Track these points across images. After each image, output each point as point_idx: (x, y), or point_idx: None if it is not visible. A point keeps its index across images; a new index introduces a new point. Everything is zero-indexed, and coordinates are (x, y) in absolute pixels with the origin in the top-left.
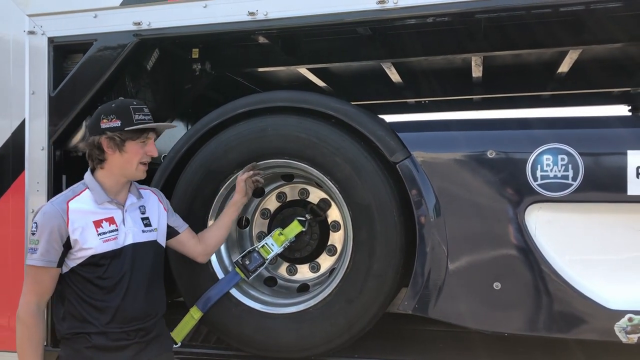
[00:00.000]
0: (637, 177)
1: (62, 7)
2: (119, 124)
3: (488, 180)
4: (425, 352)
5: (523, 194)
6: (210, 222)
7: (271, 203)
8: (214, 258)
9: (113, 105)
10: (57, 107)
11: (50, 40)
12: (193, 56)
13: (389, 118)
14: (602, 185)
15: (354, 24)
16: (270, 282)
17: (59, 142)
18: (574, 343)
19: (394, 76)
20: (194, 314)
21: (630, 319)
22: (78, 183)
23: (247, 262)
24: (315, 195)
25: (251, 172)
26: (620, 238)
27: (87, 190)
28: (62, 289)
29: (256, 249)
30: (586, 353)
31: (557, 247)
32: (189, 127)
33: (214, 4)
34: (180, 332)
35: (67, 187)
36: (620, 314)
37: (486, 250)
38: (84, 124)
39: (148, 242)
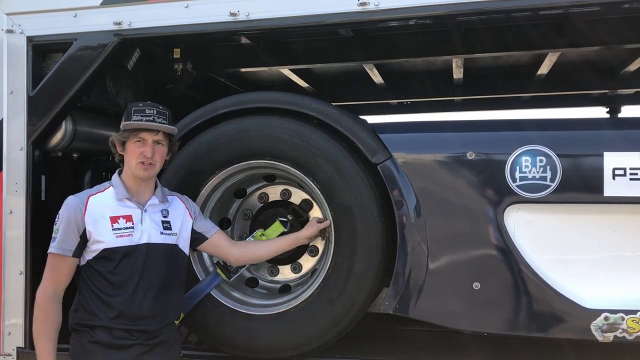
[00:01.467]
0: (614, 178)
1: (41, 6)
2: (123, 124)
3: (468, 182)
4: (406, 352)
5: (502, 195)
6: None
7: (253, 204)
8: (195, 258)
9: (127, 105)
10: (36, 107)
11: (29, 39)
12: (174, 56)
13: (371, 119)
14: (579, 187)
15: (336, 25)
16: (252, 283)
17: (38, 142)
18: (554, 343)
19: (376, 77)
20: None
21: (606, 318)
22: (105, 182)
23: (229, 263)
24: (297, 196)
25: (328, 224)
26: (597, 238)
27: (111, 188)
28: (78, 282)
29: None
30: (564, 352)
31: (535, 248)
32: None
33: (195, 4)
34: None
35: (46, 188)
36: (596, 313)
37: (466, 251)
38: (63, 124)
39: (165, 245)
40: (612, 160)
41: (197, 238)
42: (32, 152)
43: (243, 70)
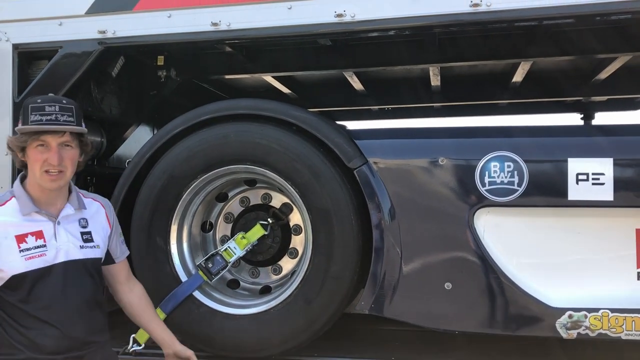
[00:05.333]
0: (577, 183)
1: (27, 14)
2: (19, 125)
3: (439, 186)
4: (380, 350)
5: (472, 199)
6: (173, 227)
7: (234, 207)
8: (177, 261)
9: (24, 102)
10: None
11: (15, 46)
12: (158, 63)
13: (351, 124)
14: (545, 191)
15: (315, 35)
16: (233, 285)
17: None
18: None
19: (356, 84)
20: (159, 314)
21: (570, 316)
22: (5, 191)
23: (210, 265)
24: (278, 200)
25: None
26: (562, 240)
27: (14, 199)
28: None
29: (219, 252)
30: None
31: (504, 249)
32: (154, 132)
33: (177, 14)
34: (143, 334)
35: None
36: (561, 311)
37: (438, 252)
38: None
39: (87, 260)
40: (575, 165)
41: (105, 257)
42: None
43: (226, 77)
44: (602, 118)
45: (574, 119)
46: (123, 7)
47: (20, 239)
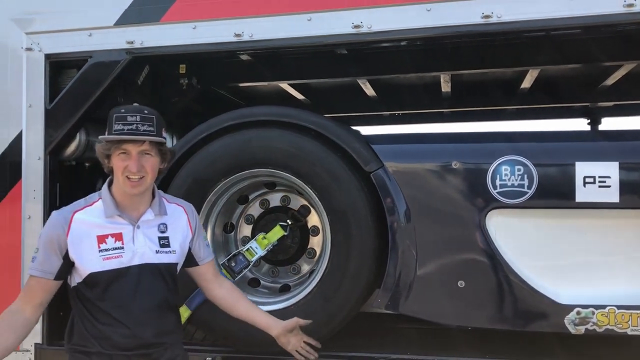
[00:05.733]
0: (584, 185)
1: (58, 26)
2: (106, 133)
3: (453, 189)
4: (396, 346)
5: (484, 201)
6: None
7: (255, 209)
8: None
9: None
10: (53, 119)
11: (47, 56)
12: (180, 72)
13: (363, 129)
14: (553, 193)
15: (332, 45)
16: (254, 283)
17: (54, 152)
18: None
19: (369, 90)
20: (183, 313)
21: (578, 313)
22: (94, 193)
23: (233, 264)
24: (296, 202)
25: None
26: (570, 240)
27: (100, 201)
28: (71, 303)
29: (241, 252)
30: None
31: (514, 249)
32: (174, 137)
33: (202, 25)
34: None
35: (60, 195)
36: (570, 308)
37: (451, 252)
38: (77, 135)
39: (161, 265)
40: (583, 169)
41: (188, 260)
42: (49, 162)
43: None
44: (609, 123)
45: (581, 124)
46: (150, 19)
47: (101, 239)
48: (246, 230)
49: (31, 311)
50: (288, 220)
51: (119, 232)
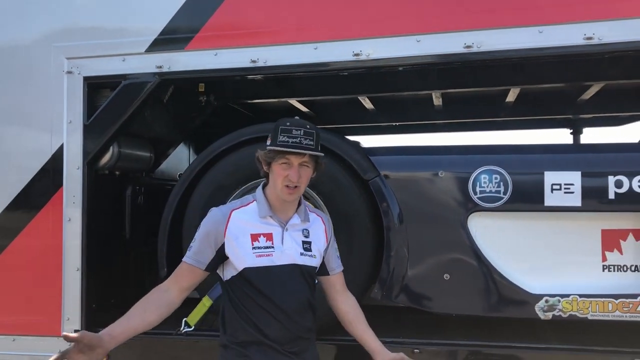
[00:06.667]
0: (552, 192)
1: (95, 52)
2: (269, 143)
3: (439, 194)
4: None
5: (466, 205)
6: None
7: None
8: None
9: (275, 123)
10: (91, 134)
11: (85, 78)
12: (200, 90)
13: (362, 139)
14: (525, 198)
15: (336, 70)
16: None
17: (91, 163)
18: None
19: (368, 104)
20: (206, 303)
21: (546, 301)
22: (248, 195)
23: None
24: None
25: None
26: (539, 239)
27: (254, 202)
28: (225, 296)
29: None
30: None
31: (492, 247)
32: (190, 147)
33: (222, 53)
34: (193, 318)
35: (96, 200)
36: (539, 297)
37: (438, 249)
38: (111, 148)
39: (304, 266)
40: (550, 177)
41: (321, 268)
42: (87, 171)
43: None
44: (590, 133)
45: (564, 134)
46: (177, 47)
47: (254, 237)
48: None
49: (176, 293)
50: None
51: (270, 232)
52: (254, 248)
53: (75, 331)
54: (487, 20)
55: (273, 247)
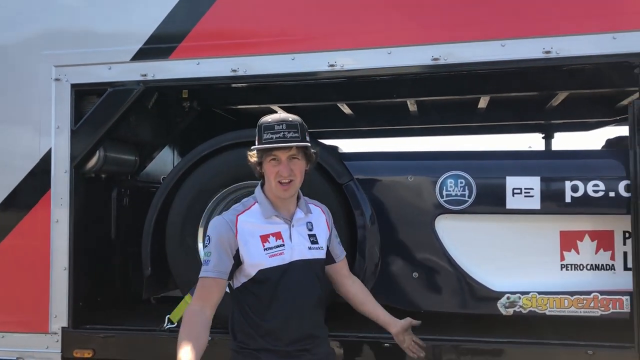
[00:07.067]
0: (513, 195)
1: (83, 60)
2: (256, 144)
3: (409, 198)
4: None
5: (434, 208)
6: (200, 230)
7: None
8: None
9: (258, 122)
10: (78, 138)
11: (73, 85)
12: (183, 96)
13: (341, 143)
14: (488, 202)
15: (312, 79)
16: None
17: (78, 166)
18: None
19: (346, 110)
20: (188, 300)
21: (508, 298)
22: (249, 197)
23: None
24: None
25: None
26: (502, 239)
27: (257, 204)
28: (235, 304)
29: None
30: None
31: (458, 247)
32: (174, 150)
33: (205, 62)
34: (176, 314)
35: (82, 202)
36: (501, 294)
37: (408, 249)
38: (97, 152)
39: (314, 260)
40: (512, 182)
41: (328, 257)
42: (74, 174)
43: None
44: (561, 137)
45: (536, 138)
46: (161, 56)
47: (264, 238)
48: None
49: (210, 311)
50: None
51: (278, 231)
52: (265, 249)
53: (63, 329)
54: (453, 34)
55: (284, 245)
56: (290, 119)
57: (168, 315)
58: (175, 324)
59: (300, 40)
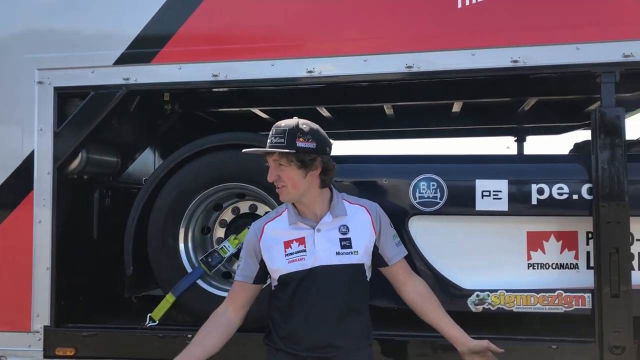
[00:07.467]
0: (482, 197)
1: (65, 64)
2: None
3: (384, 199)
4: None
5: (407, 209)
6: (181, 230)
7: (227, 215)
8: (184, 256)
9: None
10: (60, 141)
11: (56, 89)
12: (165, 99)
13: None
14: (459, 203)
15: (292, 84)
16: (227, 276)
17: (61, 168)
18: None
19: (325, 113)
20: (169, 299)
21: (477, 295)
22: (283, 204)
23: (210, 260)
24: (262, 209)
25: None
26: (471, 240)
27: (287, 210)
28: (268, 304)
29: (217, 250)
30: None
31: (430, 247)
32: (156, 151)
33: (186, 67)
34: (158, 313)
35: (65, 203)
36: (471, 292)
37: None
38: (80, 154)
39: (343, 266)
40: (481, 185)
41: (378, 260)
42: (57, 176)
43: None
44: (533, 141)
45: (509, 141)
46: (143, 61)
47: (287, 244)
48: (220, 232)
49: (234, 312)
50: None
51: (302, 236)
52: (286, 255)
53: (46, 328)
54: (426, 44)
55: (305, 251)
56: (283, 125)
57: (150, 314)
58: (157, 322)
59: (280, 47)
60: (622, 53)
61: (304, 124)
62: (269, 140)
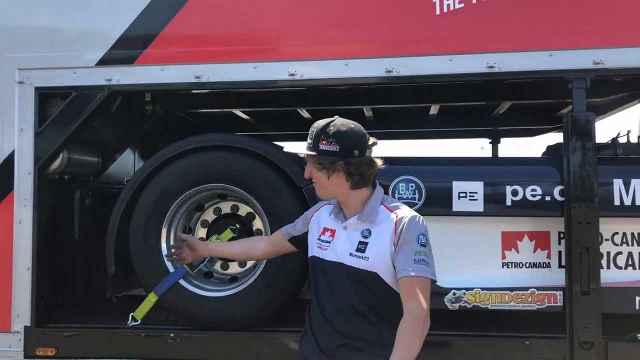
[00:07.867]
0: (459, 199)
1: (47, 64)
2: None
3: None
4: None
5: None
6: (163, 230)
7: (209, 215)
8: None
9: None
10: (41, 141)
11: (37, 89)
12: (146, 99)
13: (299, 145)
14: (436, 204)
15: (273, 87)
16: (208, 276)
17: (42, 168)
18: None
19: (305, 114)
20: (151, 298)
21: (454, 293)
22: None
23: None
24: (244, 210)
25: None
26: (448, 239)
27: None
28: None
29: None
30: None
31: None
32: (136, 152)
33: (168, 68)
34: (140, 312)
35: (46, 203)
36: (448, 290)
37: None
38: (61, 154)
39: (351, 268)
40: (458, 186)
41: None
42: (38, 176)
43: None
44: (507, 143)
45: (484, 143)
46: (125, 62)
47: (324, 231)
48: (202, 232)
49: (263, 245)
50: (237, 225)
51: (334, 229)
52: (318, 239)
53: (26, 328)
54: (405, 48)
55: (330, 243)
56: (315, 126)
57: (132, 313)
58: (139, 321)
59: (263, 50)
60: (592, 60)
61: (333, 125)
62: (306, 142)
